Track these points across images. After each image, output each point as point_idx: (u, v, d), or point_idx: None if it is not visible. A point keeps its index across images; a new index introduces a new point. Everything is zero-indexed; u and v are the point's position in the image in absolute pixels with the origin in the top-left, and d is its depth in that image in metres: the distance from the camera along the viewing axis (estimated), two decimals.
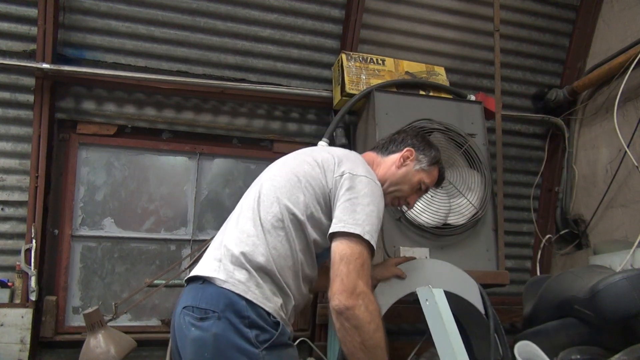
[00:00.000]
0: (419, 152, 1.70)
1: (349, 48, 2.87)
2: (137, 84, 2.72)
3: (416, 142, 1.73)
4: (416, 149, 1.70)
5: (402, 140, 1.73)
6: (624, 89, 2.78)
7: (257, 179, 1.61)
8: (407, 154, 1.68)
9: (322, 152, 1.59)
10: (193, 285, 1.42)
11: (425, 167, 1.69)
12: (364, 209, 1.41)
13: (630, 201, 2.89)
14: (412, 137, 1.75)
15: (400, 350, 2.77)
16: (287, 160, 1.60)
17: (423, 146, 1.72)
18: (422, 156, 1.70)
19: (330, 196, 1.47)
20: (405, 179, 1.66)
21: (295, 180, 1.48)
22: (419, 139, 1.75)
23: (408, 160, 1.67)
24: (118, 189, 2.86)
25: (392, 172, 1.65)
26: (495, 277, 2.37)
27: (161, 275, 2.55)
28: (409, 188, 1.68)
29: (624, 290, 1.94)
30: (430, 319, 1.89)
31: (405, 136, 1.75)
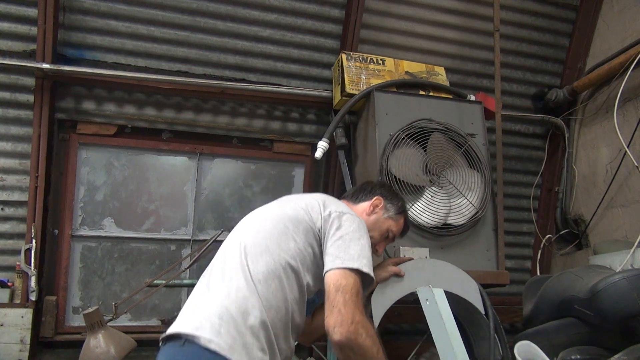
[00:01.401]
0: (387, 201, 1.77)
1: (349, 48, 2.87)
2: (137, 84, 2.72)
3: (384, 191, 1.81)
4: (385, 198, 1.77)
5: (371, 190, 1.80)
6: (624, 89, 2.78)
7: (233, 231, 1.57)
8: (377, 202, 1.75)
9: (303, 198, 1.61)
10: (171, 345, 1.31)
11: (393, 215, 1.77)
12: (356, 244, 1.45)
13: (630, 201, 2.89)
14: (380, 187, 1.84)
15: (400, 350, 2.78)
16: (268, 211, 1.58)
17: (391, 195, 1.81)
18: (390, 205, 1.77)
19: (321, 235, 1.49)
20: (375, 226, 1.72)
21: (282, 227, 1.48)
22: (387, 189, 1.84)
23: (377, 208, 1.75)
24: (118, 189, 2.86)
25: (364, 219, 1.65)
26: (495, 277, 2.37)
27: (161, 275, 2.55)
28: (379, 235, 1.74)
29: (624, 290, 1.94)
30: (431, 319, 1.89)
31: (374, 186, 1.83)
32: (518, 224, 3.45)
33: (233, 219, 3.00)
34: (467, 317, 2.12)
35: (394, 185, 2.32)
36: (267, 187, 3.09)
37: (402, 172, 2.34)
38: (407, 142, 2.39)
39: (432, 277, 2.04)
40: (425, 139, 2.43)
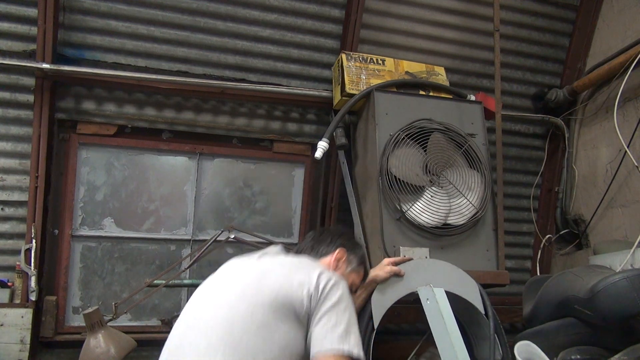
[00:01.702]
0: (350, 252, 1.65)
1: (349, 48, 2.87)
2: (137, 84, 2.72)
3: (345, 241, 1.66)
4: (347, 249, 1.64)
5: (331, 241, 1.65)
6: (624, 89, 2.78)
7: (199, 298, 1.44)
8: (339, 255, 1.62)
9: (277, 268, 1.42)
10: None
11: (355, 267, 1.65)
12: (342, 319, 1.32)
13: (630, 201, 2.89)
14: (339, 236, 1.67)
15: (400, 350, 2.77)
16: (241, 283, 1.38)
17: (352, 245, 1.68)
18: (353, 256, 1.65)
19: (308, 312, 1.33)
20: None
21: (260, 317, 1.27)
22: (347, 238, 1.69)
23: (341, 262, 1.61)
24: (118, 189, 2.86)
25: None
26: (495, 277, 2.37)
27: (161, 275, 2.55)
28: None
29: (624, 290, 1.94)
30: (431, 318, 1.90)
31: (333, 236, 1.67)
32: (518, 224, 3.45)
33: (233, 219, 3.00)
34: (467, 317, 2.12)
35: (394, 185, 2.32)
36: (267, 187, 3.09)
37: (402, 172, 2.34)
38: (407, 142, 2.39)
39: (432, 277, 2.04)
40: (425, 139, 2.43)
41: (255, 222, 3.05)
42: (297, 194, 3.12)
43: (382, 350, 2.71)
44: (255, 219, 3.06)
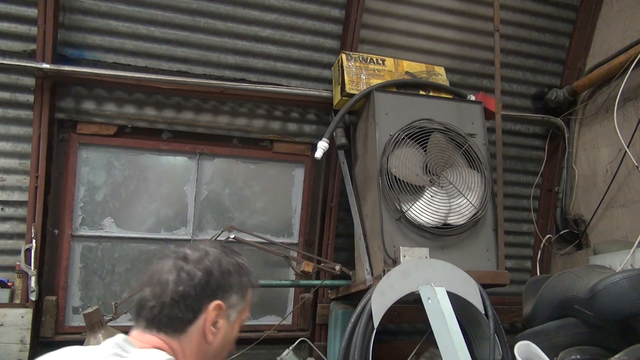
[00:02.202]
0: (228, 296, 1.09)
1: (349, 48, 2.87)
2: (137, 84, 2.72)
3: (219, 280, 1.08)
4: (223, 295, 1.08)
5: (197, 294, 1.04)
6: (624, 89, 2.78)
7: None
8: (214, 312, 1.05)
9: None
10: None
11: (241, 305, 1.13)
12: None
13: (630, 201, 2.89)
14: (207, 277, 1.06)
15: (400, 350, 2.77)
16: None
17: (227, 279, 1.10)
18: (235, 296, 1.11)
19: None
20: (225, 347, 1.11)
21: None
22: (218, 266, 1.09)
23: (219, 320, 1.07)
24: (118, 189, 2.86)
25: (205, 352, 1.06)
26: (495, 277, 2.37)
27: None
28: (232, 343, 1.15)
29: (624, 290, 1.94)
30: (433, 317, 1.90)
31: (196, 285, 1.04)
32: (518, 224, 3.45)
33: (233, 219, 3.00)
34: (467, 317, 2.12)
35: (394, 185, 2.31)
36: (267, 187, 3.09)
37: (402, 172, 2.34)
38: (407, 142, 2.39)
39: (432, 277, 2.04)
40: (425, 139, 2.43)
41: (255, 222, 3.05)
42: (297, 194, 3.12)
43: (382, 350, 2.71)
44: (255, 219, 3.06)
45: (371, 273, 2.37)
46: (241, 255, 1.18)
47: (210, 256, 1.09)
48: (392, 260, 2.23)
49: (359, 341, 1.93)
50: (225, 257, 1.12)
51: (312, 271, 2.56)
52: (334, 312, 2.81)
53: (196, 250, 1.10)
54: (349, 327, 1.99)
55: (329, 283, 2.75)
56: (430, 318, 1.91)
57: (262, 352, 2.88)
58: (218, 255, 1.11)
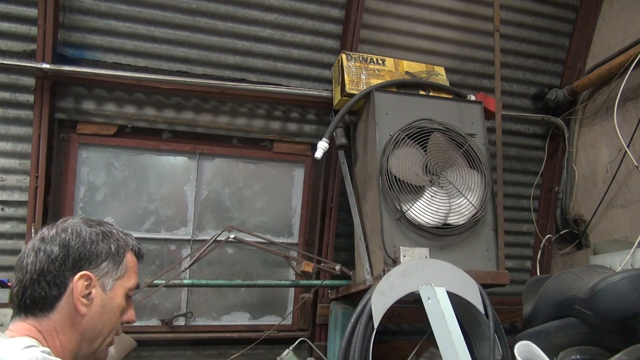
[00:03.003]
0: (96, 265, 1.06)
1: (349, 48, 2.87)
2: (137, 84, 2.72)
3: (80, 250, 1.06)
4: (89, 265, 1.05)
5: (56, 269, 1.03)
6: (624, 89, 2.78)
7: None
8: (82, 283, 1.03)
9: None
10: None
11: (119, 272, 1.10)
12: None
13: (630, 201, 2.89)
14: (65, 250, 1.05)
15: (400, 350, 2.78)
16: None
17: (92, 248, 1.07)
18: (105, 264, 1.08)
19: None
20: (105, 316, 1.08)
21: None
22: (77, 237, 1.08)
23: (92, 289, 1.04)
24: (118, 189, 2.86)
25: (82, 325, 1.04)
26: (495, 277, 2.37)
27: (161, 275, 2.55)
28: (119, 314, 1.13)
29: (624, 290, 1.94)
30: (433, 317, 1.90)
31: (54, 260, 1.04)
32: (518, 224, 3.45)
33: (233, 219, 3.00)
34: (467, 317, 2.12)
35: (394, 185, 2.31)
36: (267, 187, 3.09)
37: (402, 172, 2.34)
38: (407, 142, 2.39)
39: (432, 277, 2.04)
40: (425, 139, 2.43)
41: (255, 222, 3.05)
42: (297, 194, 3.12)
43: (382, 350, 2.72)
44: (255, 219, 3.06)
45: (371, 273, 2.37)
46: (109, 224, 1.15)
47: (68, 230, 1.09)
48: (392, 260, 2.23)
49: (359, 341, 1.93)
50: (87, 227, 1.10)
51: (312, 271, 2.56)
52: (334, 312, 2.81)
53: (53, 227, 1.12)
54: (349, 327, 1.99)
55: (329, 283, 2.75)
56: (430, 318, 1.91)
57: (262, 352, 2.89)
58: (77, 227, 1.10)
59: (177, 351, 2.93)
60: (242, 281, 2.81)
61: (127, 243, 1.15)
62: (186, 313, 2.91)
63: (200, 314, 2.97)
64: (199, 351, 2.95)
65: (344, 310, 2.73)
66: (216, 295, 2.99)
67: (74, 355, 1.04)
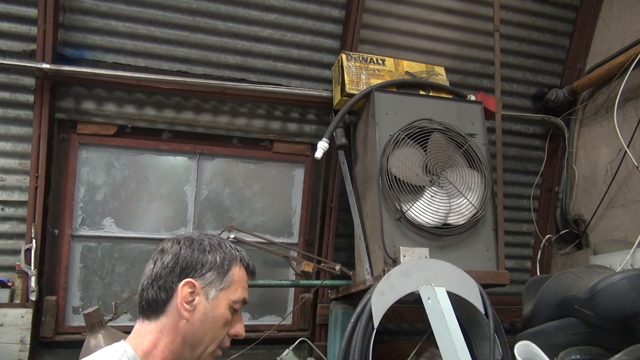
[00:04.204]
0: (202, 274, 1.11)
1: (349, 48, 2.87)
2: (137, 84, 2.72)
3: (188, 259, 1.12)
4: (195, 273, 1.11)
5: (166, 275, 1.11)
6: (624, 89, 2.78)
7: None
8: (187, 289, 1.09)
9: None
10: None
11: (223, 283, 1.13)
12: None
13: (630, 201, 2.89)
14: (175, 258, 1.12)
15: (400, 350, 2.78)
16: None
17: (199, 257, 1.13)
18: (210, 274, 1.12)
19: None
20: (207, 324, 1.11)
21: None
22: (188, 248, 1.13)
23: (195, 297, 1.10)
24: (118, 189, 2.86)
25: (185, 330, 1.09)
26: (495, 277, 2.37)
27: None
28: (222, 324, 1.13)
29: (624, 290, 1.94)
30: (433, 317, 1.90)
31: (165, 266, 1.12)
32: (518, 224, 3.45)
33: (233, 219, 3.00)
34: (467, 317, 2.12)
35: (394, 185, 2.31)
36: (267, 187, 3.09)
37: (402, 172, 2.34)
38: (407, 142, 2.39)
39: (432, 277, 2.04)
40: (425, 139, 2.43)
41: (255, 222, 3.05)
42: (297, 194, 3.12)
43: (382, 350, 2.71)
44: (255, 219, 3.06)
45: (371, 273, 2.37)
46: (223, 239, 1.21)
47: (182, 241, 1.15)
48: (392, 260, 2.23)
49: (359, 341, 1.93)
50: (200, 239, 1.16)
51: (312, 271, 2.56)
52: (334, 312, 2.81)
53: (171, 240, 1.17)
54: (349, 327, 1.99)
55: (329, 283, 2.75)
56: (430, 318, 1.91)
57: (262, 352, 2.88)
58: (191, 237, 1.17)
59: None
60: None
61: (235, 257, 1.18)
62: None
63: None
64: None
65: (344, 310, 2.73)
66: None
67: (176, 357, 1.11)
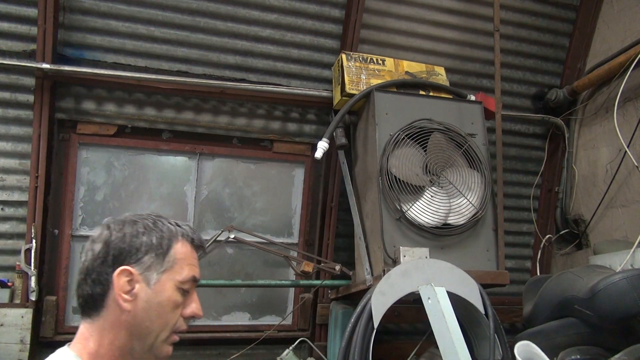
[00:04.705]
0: (136, 257, 1.00)
1: (349, 48, 2.87)
2: (137, 84, 2.72)
3: (120, 245, 1.00)
4: (130, 259, 1.00)
5: (99, 266, 1.00)
6: (624, 89, 2.78)
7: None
8: (123, 278, 0.98)
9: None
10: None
11: (165, 265, 1.02)
12: None
13: (630, 201, 2.89)
14: (106, 247, 1.00)
15: (400, 350, 2.78)
16: None
17: (132, 241, 1.01)
18: (147, 257, 1.01)
19: None
20: (152, 312, 1.00)
21: None
22: (118, 232, 1.01)
23: (134, 285, 0.99)
24: (118, 189, 2.86)
25: (129, 322, 0.99)
26: (495, 277, 2.37)
27: None
28: (171, 308, 1.03)
29: (624, 290, 1.94)
30: (433, 317, 1.90)
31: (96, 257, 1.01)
32: (518, 224, 3.45)
33: (233, 219, 3.00)
34: (467, 317, 2.12)
35: (394, 185, 2.31)
36: (267, 187, 3.09)
37: (402, 172, 2.34)
38: (407, 142, 2.39)
39: (432, 277, 2.04)
40: (425, 139, 2.43)
41: (255, 222, 3.05)
42: (297, 194, 3.12)
43: (382, 350, 2.72)
44: (255, 219, 3.06)
45: (371, 273, 2.37)
46: (159, 216, 1.08)
47: (112, 224, 1.04)
48: (392, 260, 2.23)
49: (359, 341, 1.93)
50: (131, 222, 1.04)
51: (312, 271, 2.56)
52: (334, 312, 2.81)
53: (101, 226, 1.06)
54: (349, 327, 1.99)
55: (329, 283, 2.75)
56: (430, 318, 1.91)
57: (262, 352, 2.88)
58: (122, 220, 1.05)
59: (177, 351, 2.91)
60: (242, 281, 2.81)
61: (175, 233, 1.06)
62: None
63: None
64: (199, 351, 2.95)
65: (344, 310, 2.73)
66: (216, 295, 2.99)
67: (125, 353, 1.01)
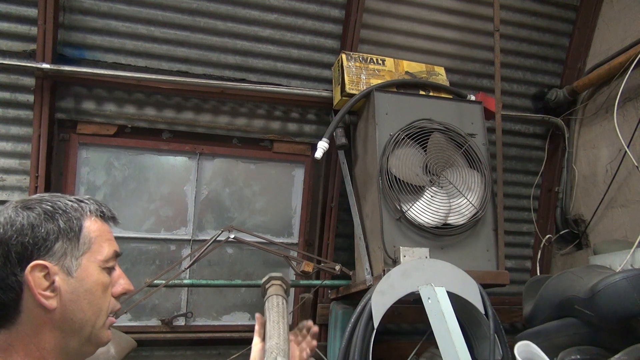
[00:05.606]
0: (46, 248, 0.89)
1: (349, 48, 2.87)
2: (137, 84, 2.72)
3: (22, 240, 0.88)
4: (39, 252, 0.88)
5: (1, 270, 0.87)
6: (624, 89, 2.78)
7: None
8: (37, 275, 0.87)
9: None
10: None
11: (81, 248, 0.93)
12: None
13: (630, 201, 2.89)
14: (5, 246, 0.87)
15: (400, 350, 2.78)
16: None
17: (36, 232, 0.89)
18: (59, 244, 0.90)
19: None
20: (82, 301, 0.92)
21: None
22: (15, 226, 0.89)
23: (53, 278, 0.89)
24: (118, 189, 2.86)
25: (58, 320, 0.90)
26: (495, 277, 2.37)
27: (161, 275, 2.55)
28: (102, 291, 0.95)
29: (624, 290, 1.94)
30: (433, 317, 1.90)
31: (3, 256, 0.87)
32: (518, 224, 3.45)
33: (233, 219, 3.00)
34: (467, 317, 2.12)
35: (394, 185, 2.31)
36: (267, 187, 3.09)
37: (402, 172, 2.34)
38: (407, 142, 2.39)
39: (432, 277, 2.04)
40: (425, 139, 2.43)
41: (255, 222, 3.05)
42: (297, 194, 3.12)
43: (382, 350, 2.72)
44: (255, 219, 3.06)
45: (371, 273, 2.37)
46: (55, 195, 0.98)
47: (3, 219, 0.90)
48: (392, 260, 2.23)
49: (359, 341, 1.93)
50: (23, 211, 0.91)
51: (312, 271, 2.56)
52: (334, 312, 2.81)
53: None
54: (349, 327, 1.99)
55: (329, 283, 2.75)
56: (430, 318, 1.91)
57: None
58: (9, 215, 0.91)
59: (177, 351, 2.93)
60: (242, 281, 2.81)
61: (82, 211, 0.96)
62: (186, 313, 2.91)
63: (200, 314, 2.97)
64: (199, 351, 2.95)
65: (344, 310, 2.73)
66: (216, 295, 2.99)
67: (59, 353, 0.91)
